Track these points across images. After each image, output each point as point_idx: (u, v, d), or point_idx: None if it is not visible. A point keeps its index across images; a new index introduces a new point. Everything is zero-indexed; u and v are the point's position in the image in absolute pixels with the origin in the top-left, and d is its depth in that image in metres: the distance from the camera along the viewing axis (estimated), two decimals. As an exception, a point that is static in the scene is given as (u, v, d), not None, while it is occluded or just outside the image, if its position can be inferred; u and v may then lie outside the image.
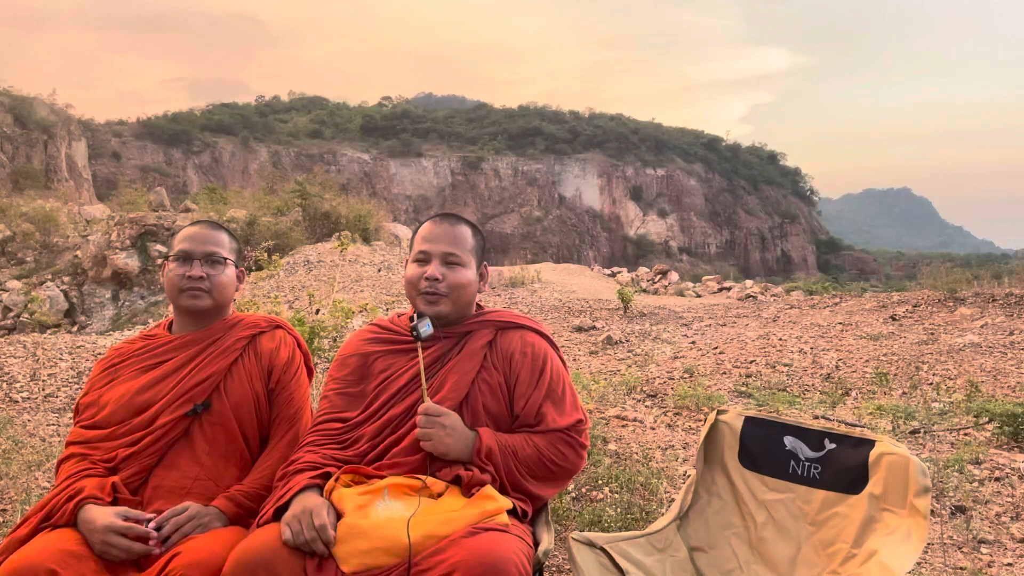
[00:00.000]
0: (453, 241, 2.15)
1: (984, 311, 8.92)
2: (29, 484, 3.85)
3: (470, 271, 2.16)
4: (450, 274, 2.12)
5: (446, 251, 2.13)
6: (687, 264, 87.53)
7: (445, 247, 2.14)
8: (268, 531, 1.77)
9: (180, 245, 2.26)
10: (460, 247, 2.15)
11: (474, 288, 2.18)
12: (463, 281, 2.13)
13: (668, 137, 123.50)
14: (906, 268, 71.49)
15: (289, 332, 2.35)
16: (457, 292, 2.13)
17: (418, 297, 2.13)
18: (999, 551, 3.14)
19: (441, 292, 2.11)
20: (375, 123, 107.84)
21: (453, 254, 2.13)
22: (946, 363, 6.67)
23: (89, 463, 2.06)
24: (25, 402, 5.63)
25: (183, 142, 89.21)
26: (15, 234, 18.43)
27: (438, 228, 2.18)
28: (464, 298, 2.15)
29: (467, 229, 2.21)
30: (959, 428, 4.78)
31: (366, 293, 10.85)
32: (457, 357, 2.12)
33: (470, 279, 2.16)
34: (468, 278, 2.15)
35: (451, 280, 2.12)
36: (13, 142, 46.04)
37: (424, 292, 2.11)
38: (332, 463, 1.99)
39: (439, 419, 1.96)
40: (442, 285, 2.11)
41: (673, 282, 15.97)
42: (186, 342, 2.24)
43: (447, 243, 2.14)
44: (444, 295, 2.11)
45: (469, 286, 2.15)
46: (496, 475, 1.96)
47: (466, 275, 2.14)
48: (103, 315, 15.62)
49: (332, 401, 2.15)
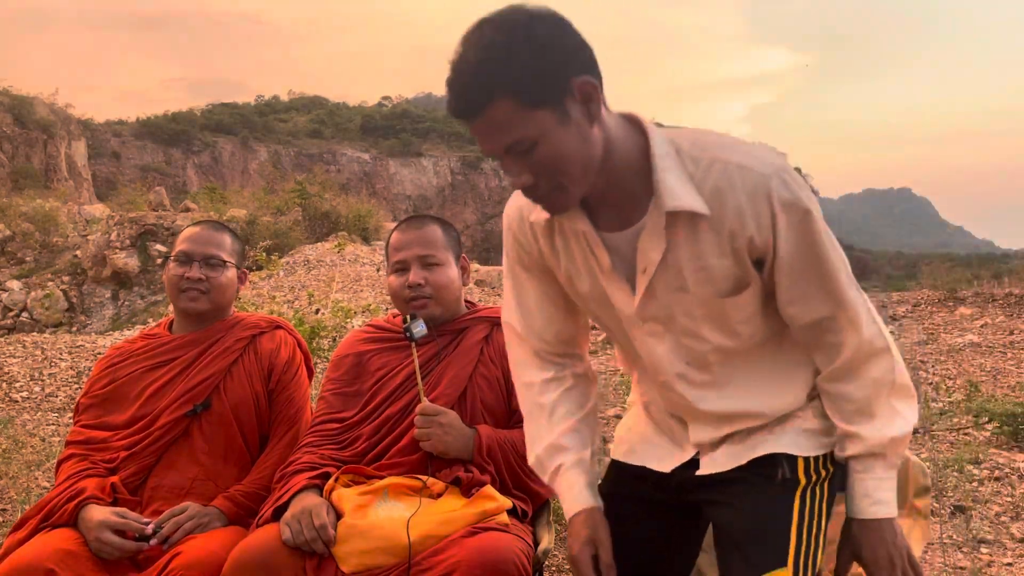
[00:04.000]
0: (425, 243, 2.14)
1: (984, 311, 8.92)
2: (29, 484, 3.86)
3: (450, 268, 2.15)
4: (431, 276, 2.11)
5: (421, 254, 2.12)
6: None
7: (419, 250, 2.12)
8: (267, 531, 1.77)
9: (181, 246, 2.25)
10: (434, 247, 2.14)
11: (458, 284, 2.17)
12: (445, 280, 2.13)
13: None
14: (906, 268, 71.53)
15: (289, 332, 2.35)
16: (442, 292, 2.12)
17: (406, 306, 2.12)
18: (999, 551, 3.15)
19: (426, 295, 2.10)
20: (375, 123, 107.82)
21: (429, 255, 2.12)
22: (946, 363, 6.67)
23: (90, 463, 2.06)
24: (25, 402, 5.63)
25: (183, 142, 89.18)
26: (15, 234, 18.41)
27: (407, 234, 2.16)
28: (450, 296, 2.15)
29: (436, 227, 2.19)
30: (959, 428, 4.78)
31: (366, 293, 10.85)
32: (453, 353, 2.11)
33: (451, 276, 2.15)
34: (450, 276, 2.14)
35: (433, 282, 2.11)
36: (13, 142, 46.03)
37: (410, 300, 2.10)
38: (331, 463, 1.98)
39: (437, 418, 1.96)
40: (426, 288, 2.10)
41: (673, 282, 15.96)
42: (186, 342, 2.23)
43: (420, 246, 2.13)
44: (429, 297, 2.11)
45: (452, 283, 2.15)
46: (497, 473, 1.96)
47: (447, 273, 2.14)
48: (103, 315, 15.62)
49: (329, 401, 2.15)
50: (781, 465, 1.45)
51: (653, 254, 1.36)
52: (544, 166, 1.26)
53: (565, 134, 1.24)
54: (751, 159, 1.31)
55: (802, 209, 1.32)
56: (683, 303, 1.40)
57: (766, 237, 1.33)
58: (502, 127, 1.23)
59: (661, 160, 1.31)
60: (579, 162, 1.27)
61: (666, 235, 1.34)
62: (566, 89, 1.23)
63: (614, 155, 1.31)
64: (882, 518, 1.43)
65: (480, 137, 1.27)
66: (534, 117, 1.22)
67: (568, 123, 1.24)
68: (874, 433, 1.41)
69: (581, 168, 1.28)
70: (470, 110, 1.24)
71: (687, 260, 1.35)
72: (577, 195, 1.32)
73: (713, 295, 1.38)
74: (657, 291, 1.40)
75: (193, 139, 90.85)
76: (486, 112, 1.22)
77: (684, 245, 1.35)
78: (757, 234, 1.32)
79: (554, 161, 1.25)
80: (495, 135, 1.25)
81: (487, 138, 1.26)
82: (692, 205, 1.30)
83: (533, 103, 1.21)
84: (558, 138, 1.24)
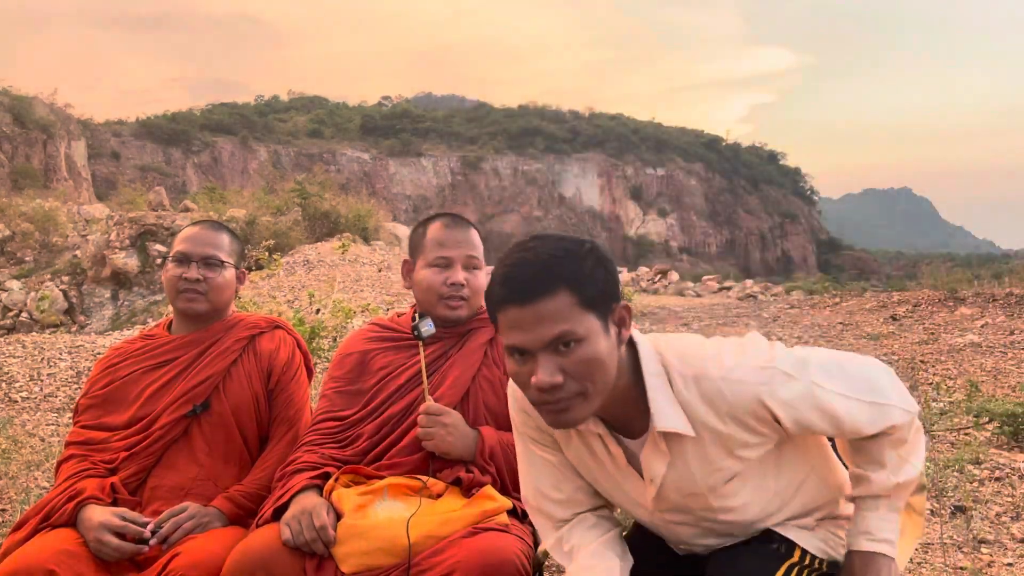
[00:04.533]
0: (473, 245, 2.14)
1: (984, 311, 8.93)
2: (28, 484, 3.85)
3: (486, 274, 2.15)
4: (472, 279, 2.11)
5: (468, 255, 2.11)
6: (687, 264, 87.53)
7: (467, 251, 2.11)
8: (267, 531, 1.77)
9: (179, 246, 2.24)
10: (478, 250, 2.14)
11: None
12: (481, 285, 2.12)
13: (668, 137, 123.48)
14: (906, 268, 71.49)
15: (289, 332, 2.35)
16: (476, 297, 2.12)
17: (439, 302, 2.09)
18: (999, 551, 3.14)
19: (464, 296, 2.09)
20: (374, 123, 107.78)
21: (474, 258, 2.12)
22: (946, 363, 6.67)
23: (90, 464, 2.06)
24: (25, 402, 5.62)
25: (182, 142, 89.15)
26: (14, 234, 18.42)
27: (455, 232, 2.13)
28: (479, 301, 2.14)
29: (476, 232, 2.20)
30: (959, 428, 4.78)
31: (366, 293, 10.85)
32: (457, 354, 2.11)
33: (485, 282, 2.15)
34: (485, 281, 2.14)
35: (473, 285, 2.10)
36: (12, 141, 46.00)
37: (447, 297, 2.08)
38: (331, 463, 1.98)
39: (440, 418, 1.95)
40: (465, 290, 2.09)
41: (673, 282, 15.98)
42: (185, 343, 2.23)
43: (468, 247, 2.12)
44: (466, 299, 2.10)
45: (484, 289, 2.15)
46: (498, 475, 1.96)
47: (483, 278, 2.14)
48: (102, 315, 15.61)
49: (331, 399, 2.14)
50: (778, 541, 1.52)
51: (657, 468, 1.46)
52: (579, 367, 1.32)
53: (605, 343, 1.34)
54: (737, 372, 1.40)
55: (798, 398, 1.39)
56: (697, 501, 1.49)
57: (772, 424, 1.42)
58: (555, 317, 1.30)
59: (651, 379, 1.42)
60: (607, 373, 1.36)
61: (670, 449, 1.44)
62: (611, 307, 1.36)
63: (619, 377, 1.40)
64: (879, 554, 1.47)
65: (525, 326, 1.32)
66: (586, 318, 1.32)
67: (608, 336, 1.35)
68: (882, 478, 1.49)
69: (605, 379, 1.36)
70: (529, 295, 1.31)
71: (697, 465, 1.44)
72: (592, 408, 1.38)
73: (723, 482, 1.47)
74: (669, 494, 1.49)
75: (193, 139, 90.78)
76: (545, 301, 1.30)
77: (692, 453, 1.44)
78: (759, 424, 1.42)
79: (589, 364, 1.32)
80: (545, 324, 1.30)
81: (534, 326, 1.31)
82: (680, 428, 1.40)
83: (589, 305, 1.32)
84: (599, 344, 1.33)
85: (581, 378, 1.33)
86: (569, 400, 1.34)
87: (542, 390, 1.32)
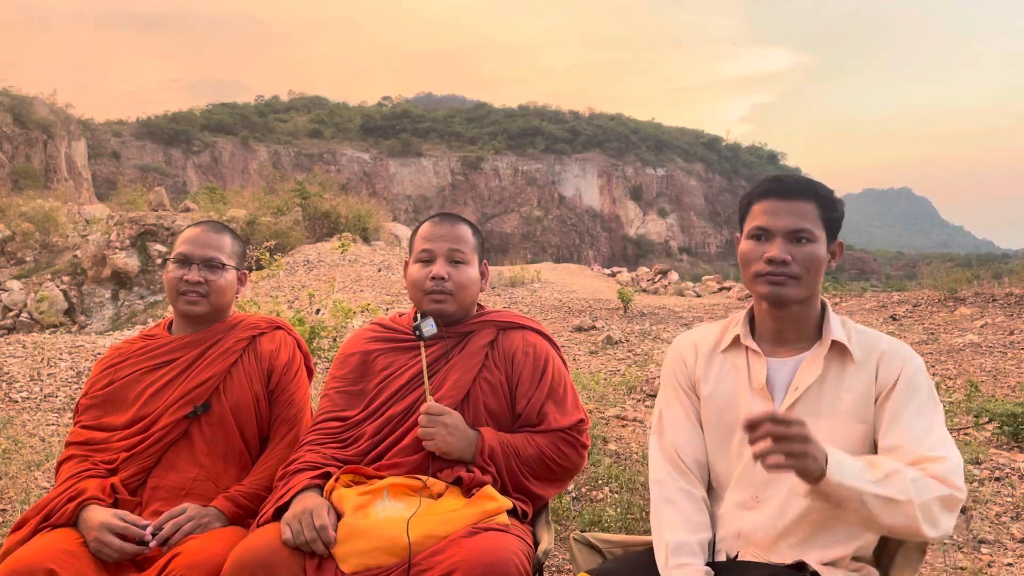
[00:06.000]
0: (456, 239, 2.15)
1: (984, 311, 8.93)
2: (29, 484, 3.85)
3: (473, 269, 2.16)
4: (455, 273, 2.11)
5: (450, 248, 2.12)
6: (687, 264, 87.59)
7: (449, 244, 2.13)
8: (268, 531, 1.77)
9: (180, 247, 2.24)
10: (463, 244, 2.15)
11: (477, 286, 2.18)
12: (466, 279, 2.13)
13: (668, 137, 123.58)
14: (906, 268, 71.49)
15: (289, 333, 2.35)
16: (462, 291, 2.12)
17: (424, 297, 2.11)
18: (999, 551, 3.14)
19: (447, 291, 2.10)
20: (375, 123, 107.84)
21: (457, 251, 2.13)
22: (946, 363, 6.67)
23: (90, 464, 2.06)
24: (25, 402, 5.62)
25: (183, 142, 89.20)
26: (15, 234, 18.42)
27: (440, 227, 2.17)
28: (468, 297, 2.15)
29: (467, 228, 2.21)
30: (959, 428, 4.78)
31: (366, 293, 10.85)
32: (458, 356, 2.11)
33: (473, 277, 2.15)
34: (471, 276, 2.15)
35: (456, 279, 2.11)
36: (13, 142, 46.03)
37: (430, 292, 2.10)
38: (332, 463, 1.98)
39: (441, 418, 1.96)
40: (448, 284, 2.10)
41: (673, 282, 15.96)
42: (186, 343, 2.23)
43: (451, 241, 2.13)
44: (450, 294, 2.10)
45: (472, 284, 2.15)
46: (498, 475, 1.96)
47: (470, 273, 2.14)
48: (102, 315, 15.61)
49: (332, 399, 2.15)
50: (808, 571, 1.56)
51: (810, 376, 1.70)
52: (804, 258, 1.67)
53: (823, 254, 1.69)
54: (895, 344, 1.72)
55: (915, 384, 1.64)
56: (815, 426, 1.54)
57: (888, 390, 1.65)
58: (803, 216, 1.68)
59: (833, 318, 1.75)
60: (819, 275, 1.70)
61: (824, 363, 1.69)
62: (836, 236, 1.72)
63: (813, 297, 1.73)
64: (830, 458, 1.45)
65: (778, 215, 1.69)
66: (820, 229, 1.69)
67: (827, 253, 1.70)
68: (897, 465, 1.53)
69: (816, 278, 1.70)
70: (789, 194, 1.69)
71: (830, 389, 1.69)
72: (800, 295, 1.69)
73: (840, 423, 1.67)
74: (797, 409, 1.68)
75: (193, 139, 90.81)
76: (801, 202, 1.69)
77: (832, 376, 1.69)
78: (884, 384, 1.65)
79: (811, 260, 1.68)
80: (794, 217, 1.68)
81: (785, 216, 1.68)
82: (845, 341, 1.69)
83: (826, 222, 1.70)
84: (821, 251, 1.69)
85: (801, 266, 1.67)
86: (788, 279, 1.67)
87: (772, 261, 1.66)
